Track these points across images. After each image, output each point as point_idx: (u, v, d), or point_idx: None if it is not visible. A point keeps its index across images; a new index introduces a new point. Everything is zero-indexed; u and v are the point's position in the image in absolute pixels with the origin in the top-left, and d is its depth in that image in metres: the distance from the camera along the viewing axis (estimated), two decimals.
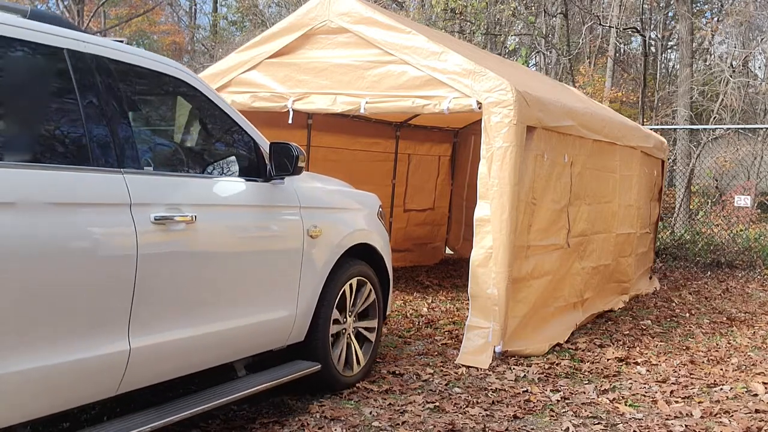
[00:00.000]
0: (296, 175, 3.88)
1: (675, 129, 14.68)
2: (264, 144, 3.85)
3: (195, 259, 3.28)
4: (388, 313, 4.93)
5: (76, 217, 2.76)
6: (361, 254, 4.52)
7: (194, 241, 3.27)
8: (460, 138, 10.17)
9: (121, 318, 2.91)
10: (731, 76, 17.87)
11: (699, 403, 4.42)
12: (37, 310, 2.60)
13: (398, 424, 3.86)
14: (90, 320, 2.79)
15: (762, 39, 19.95)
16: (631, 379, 4.92)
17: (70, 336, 2.72)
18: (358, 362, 4.51)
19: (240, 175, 3.69)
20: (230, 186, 3.63)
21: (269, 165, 3.79)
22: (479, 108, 5.21)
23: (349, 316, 4.45)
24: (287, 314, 3.90)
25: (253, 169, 3.78)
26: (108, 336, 2.85)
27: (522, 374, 4.87)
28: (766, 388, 4.72)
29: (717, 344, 6.07)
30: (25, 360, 2.56)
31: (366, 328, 4.62)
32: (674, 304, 7.93)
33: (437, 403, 4.22)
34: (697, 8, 23.20)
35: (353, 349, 4.49)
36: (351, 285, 4.40)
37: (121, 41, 3.32)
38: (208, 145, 3.95)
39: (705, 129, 14.05)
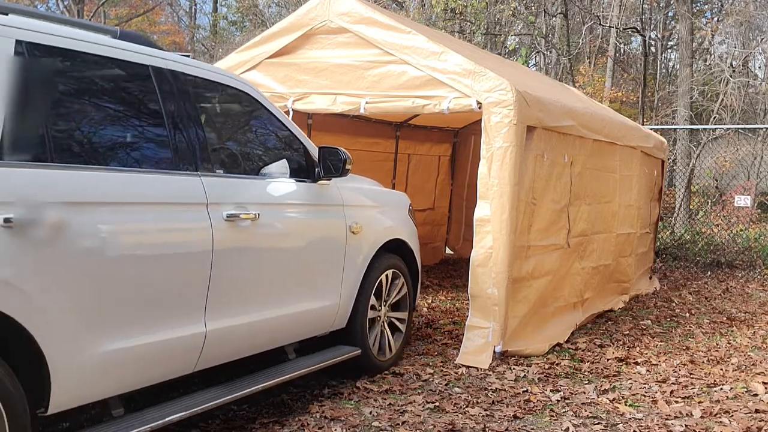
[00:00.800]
0: (343, 177, 4.17)
1: (675, 129, 14.67)
2: (312, 148, 4.19)
3: (258, 252, 3.67)
4: (416, 303, 5.27)
5: (164, 214, 3.13)
6: (394, 248, 4.85)
7: (258, 236, 3.64)
8: (460, 138, 10.16)
9: (200, 304, 3.28)
10: (731, 76, 17.86)
11: (699, 403, 4.42)
12: (137, 295, 2.96)
13: (398, 424, 3.87)
14: (176, 305, 3.16)
15: (762, 39, 19.94)
16: (631, 379, 4.92)
17: (162, 319, 3.08)
18: (391, 349, 4.86)
19: (291, 176, 4.00)
20: (286, 186, 3.97)
21: (318, 167, 4.14)
22: (479, 108, 5.21)
23: (384, 305, 4.80)
24: (332, 303, 4.28)
25: (303, 171, 4.12)
26: (190, 319, 3.24)
27: (522, 374, 4.87)
28: (766, 388, 4.72)
29: (717, 344, 6.07)
30: (126, 339, 2.91)
31: (398, 318, 4.96)
32: (674, 304, 7.93)
33: (437, 403, 4.22)
34: (697, 8, 23.19)
35: (387, 336, 4.83)
36: (386, 276, 4.77)
37: (188, 55, 3.56)
38: (266, 150, 4.24)
39: (705, 129, 14.05)
